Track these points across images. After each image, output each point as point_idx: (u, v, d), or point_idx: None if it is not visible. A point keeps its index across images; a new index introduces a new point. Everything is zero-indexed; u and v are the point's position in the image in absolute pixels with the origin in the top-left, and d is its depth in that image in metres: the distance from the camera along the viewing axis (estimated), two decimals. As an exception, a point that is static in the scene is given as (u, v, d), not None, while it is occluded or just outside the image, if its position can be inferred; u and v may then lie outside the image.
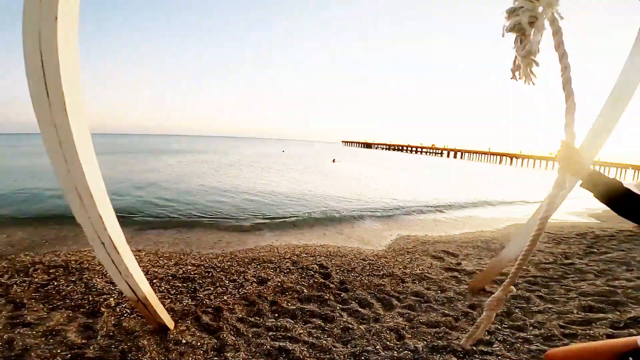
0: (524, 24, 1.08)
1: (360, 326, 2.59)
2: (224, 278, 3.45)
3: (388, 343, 2.37)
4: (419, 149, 72.43)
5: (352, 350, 2.23)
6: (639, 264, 4.53)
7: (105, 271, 3.31)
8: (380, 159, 41.85)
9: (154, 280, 3.31)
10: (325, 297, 3.12)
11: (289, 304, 2.90)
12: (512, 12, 1.26)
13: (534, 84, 1.33)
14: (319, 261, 4.18)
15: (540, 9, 1.23)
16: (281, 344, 2.23)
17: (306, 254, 4.51)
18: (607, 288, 3.59)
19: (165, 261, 4.00)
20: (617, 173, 30.57)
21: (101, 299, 2.75)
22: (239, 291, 3.11)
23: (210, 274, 3.57)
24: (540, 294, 3.50)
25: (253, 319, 2.57)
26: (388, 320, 2.72)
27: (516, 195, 13.12)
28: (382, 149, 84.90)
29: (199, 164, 19.98)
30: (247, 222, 6.70)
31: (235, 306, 2.77)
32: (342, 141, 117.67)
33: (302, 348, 2.20)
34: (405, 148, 77.73)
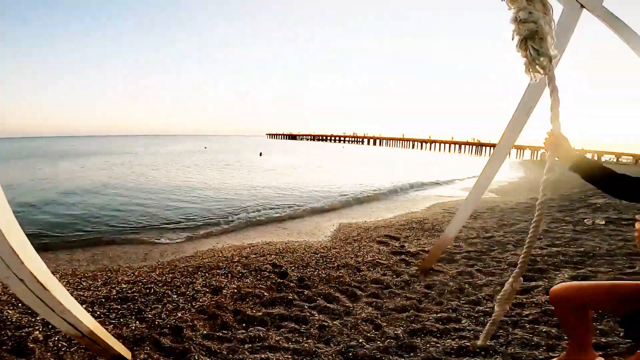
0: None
1: (335, 322, 2.48)
2: (170, 292, 3.03)
3: (368, 334, 2.30)
4: (342, 138, 75.43)
5: (337, 349, 2.11)
6: (543, 232, 5.25)
7: (19, 301, 2.64)
8: (307, 149, 42.30)
9: (83, 306, 2.75)
10: (289, 297, 2.94)
11: (254, 311, 2.65)
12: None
13: None
14: (271, 260, 3.95)
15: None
16: (262, 356, 1.99)
17: (255, 254, 4.24)
18: (530, 258, 4.06)
19: (90, 282, 3.37)
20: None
21: (23, 333, 2.16)
22: (193, 305, 2.75)
23: (152, 289, 3.10)
24: (478, 267, 3.81)
25: (221, 334, 2.27)
26: (359, 312, 2.66)
27: (430, 176, 14.41)
28: (307, 139, 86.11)
29: (108, 168, 17.68)
30: (180, 228, 6.09)
31: (195, 322, 2.43)
32: (267, 134, 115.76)
33: (286, 356, 2.00)
34: (329, 138, 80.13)
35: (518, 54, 1.70)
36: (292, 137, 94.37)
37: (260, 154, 28.77)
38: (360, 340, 2.21)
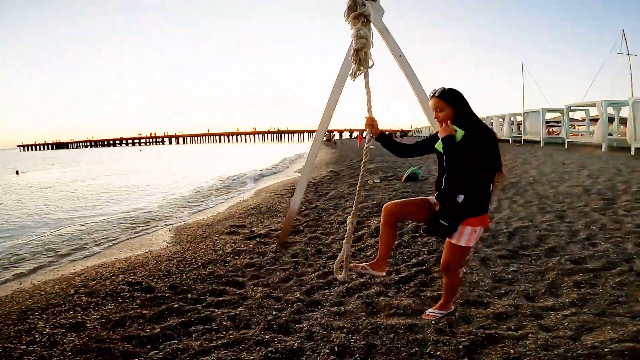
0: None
1: (240, 309, 2.54)
2: (12, 345, 2.23)
3: (276, 307, 2.52)
4: (137, 140, 64.82)
5: (261, 327, 2.23)
6: (348, 195, 6.71)
7: None
8: (92, 157, 34.56)
9: None
10: (175, 306, 2.73)
11: (148, 330, 2.34)
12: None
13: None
14: (122, 280, 3.38)
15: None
16: None
17: (94, 280, 3.51)
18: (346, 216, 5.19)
19: None
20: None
21: None
22: (61, 349, 2.15)
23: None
24: (320, 231, 4.61)
25: None
26: (254, 294, 2.82)
27: (247, 166, 15.04)
28: (86, 146, 69.18)
29: None
30: None
31: (86, 366, 1.98)
32: (19, 145, 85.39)
33: (224, 352, 1.97)
34: (120, 142, 67.19)
35: (350, 60, 2.47)
36: (62, 145, 73.70)
37: (17, 173, 21.43)
38: (274, 313, 2.43)
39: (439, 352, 1.92)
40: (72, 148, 71.03)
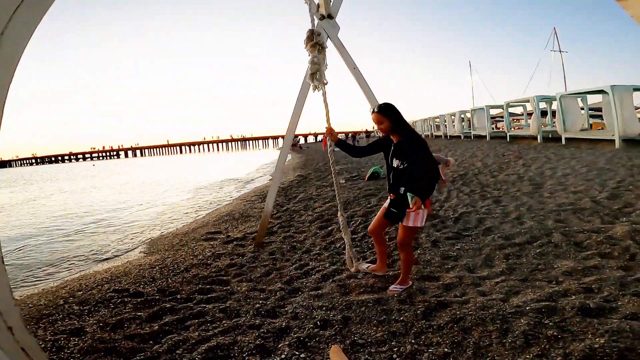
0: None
1: (229, 302, 2.82)
2: None
3: (261, 296, 2.84)
4: (90, 155, 60.58)
5: (251, 313, 2.54)
6: (316, 197, 7.11)
7: None
8: (38, 176, 32.13)
9: None
10: (167, 306, 2.95)
11: (147, 329, 2.56)
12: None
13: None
14: (109, 289, 3.51)
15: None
16: (204, 347, 2.18)
17: (80, 291, 3.60)
18: (319, 214, 5.60)
19: None
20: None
21: None
22: (68, 352, 2.31)
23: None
24: (293, 230, 4.95)
25: (138, 358, 2.20)
26: (239, 288, 3.10)
27: (217, 176, 14.92)
28: (31, 163, 63.77)
29: None
30: None
31: (96, 363, 2.18)
32: None
33: (222, 338, 2.23)
34: (70, 157, 62.45)
35: (308, 81, 2.92)
36: (4, 164, 67.33)
37: None
38: (261, 302, 2.75)
39: (402, 318, 2.35)
40: (16, 166, 65.53)
